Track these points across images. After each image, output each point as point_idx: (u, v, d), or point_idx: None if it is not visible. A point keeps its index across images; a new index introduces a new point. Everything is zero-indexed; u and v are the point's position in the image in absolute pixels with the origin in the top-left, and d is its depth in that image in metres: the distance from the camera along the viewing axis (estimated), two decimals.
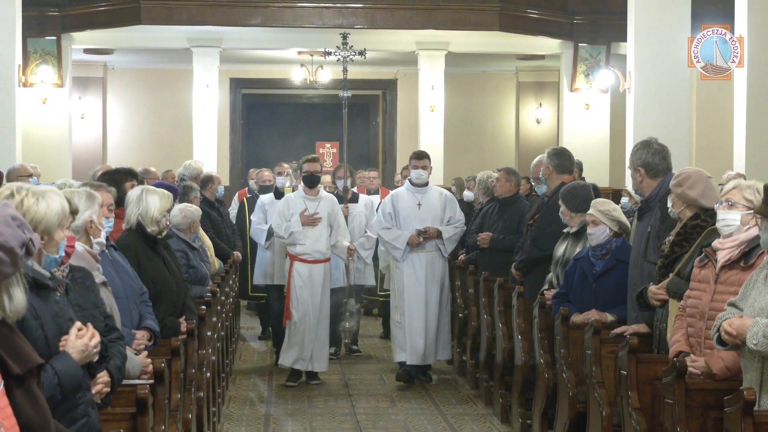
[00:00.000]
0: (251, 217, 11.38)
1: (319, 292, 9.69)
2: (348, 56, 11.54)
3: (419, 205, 9.86)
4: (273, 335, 11.12)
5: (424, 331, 9.73)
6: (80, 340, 3.67)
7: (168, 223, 6.50)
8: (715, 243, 5.15)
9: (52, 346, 3.66)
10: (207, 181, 11.10)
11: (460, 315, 10.45)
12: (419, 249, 9.77)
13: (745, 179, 9.54)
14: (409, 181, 10.08)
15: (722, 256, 5.04)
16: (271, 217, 10.37)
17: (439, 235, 9.75)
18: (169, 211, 6.50)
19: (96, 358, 3.81)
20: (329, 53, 11.92)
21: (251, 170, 14.99)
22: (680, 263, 5.70)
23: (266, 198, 11.00)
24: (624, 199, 9.71)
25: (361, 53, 11.54)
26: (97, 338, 3.76)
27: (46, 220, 3.75)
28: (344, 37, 11.80)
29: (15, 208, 3.69)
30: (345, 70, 11.72)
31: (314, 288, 9.67)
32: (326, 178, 11.94)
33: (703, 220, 5.74)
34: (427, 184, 9.99)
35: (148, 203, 6.35)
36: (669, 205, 5.96)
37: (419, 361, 9.77)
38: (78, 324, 3.70)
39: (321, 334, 9.72)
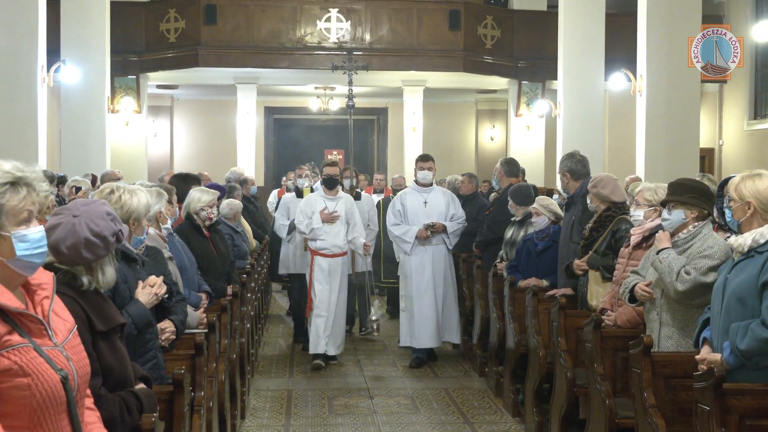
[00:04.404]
0: (275, 213, 10.25)
1: (338, 284, 8.28)
2: (353, 69, 10.38)
3: (425, 203, 8.44)
4: (293, 318, 9.71)
5: (432, 318, 8.30)
6: (146, 290, 3.68)
7: (211, 214, 6.39)
8: (632, 230, 5.17)
9: None
10: (243, 182, 10.98)
11: None
12: (426, 242, 8.33)
13: (641, 181, 9.59)
14: (415, 181, 8.64)
15: (633, 240, 5.08)
16: (293, 214, 9.14)
17: (444, 230, 8.34)
18: (210, 204, 6.40)
19: (167, 296, 3.81)
20: (337, 68, 10.61)
21: (289, 173, 14.44)
22: (597, 243, 5.70)
23: (288, 197, 9.88)
24: (555, 196, 9.68)
25: (365, 68, 10.81)
26: (162, 287, 3.75)
27: (137, 210, 3.78)
28: (349, 52, 11.35)
29: (113, 203, 3.71)
30: (350, 82, 10.35)
31: (333, 280, 8.25)
32: None
33: (613, 211, 5.75)
34: (431, 184, 8.60)
35: (191, 198, 6.34)
36: (588, 201, 5.95)
37: (428, 344, 8.38)
38: (143, 282, 3.71)
39: (337, 321, 8.31)
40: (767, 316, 3.47)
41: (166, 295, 3.81)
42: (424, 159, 8.65)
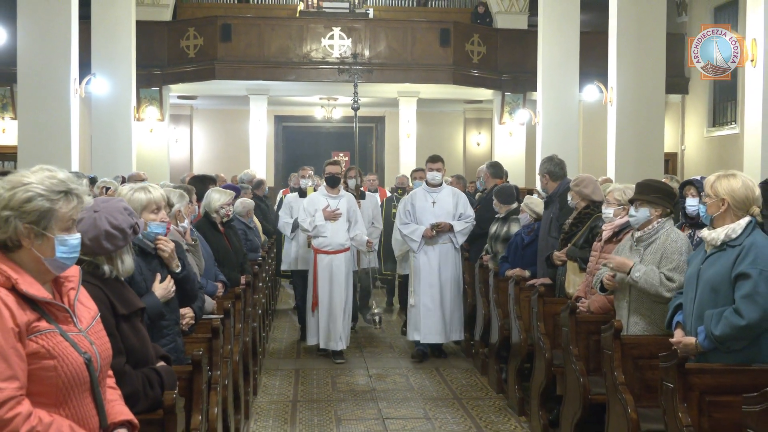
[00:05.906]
0: (279, 212, 9.58)
1: (342, 279, 7.70)
2: (358, 74, 9.70)
3: (434, 203, 7.83)
4: (298, 314, 9.06)
5: (437, 314, 7.73)
6: (162, 285, 3.66)
7: (228, 211, 6.41)
8: (603, 226, 5.17)
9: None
10: (259, 183, 10.97)
11: None
12: (433, 241, 7.71)
13: (612, 181, 9.57)
14: (426, 182, 8.03)
15: (604, 235, 5.09)
16: (296, 213, 8.70)
17: (451, 229, 7.71)
18: (227, 203, 6.40)
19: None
20: (342, 70, 9.89)
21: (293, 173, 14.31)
22: (576, 237, 5.69)
23: (291, 197, 9.28)
24: (534, 195, 9.65)
25: (370, 71, 10.42)
26: (172, 285, 3.71)
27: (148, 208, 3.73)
28: (354, 56, 11.05)
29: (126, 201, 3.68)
30: (355, 85, 9.52)
31: (335, 275, 7.69)
32: None
33: (592, 209, 5.74)
34: (440, 184, 7.95)
35: (211, 199, 6.32)
36: (569, 198, 5.95)
37: (433, 340, 7.77)
38: (160, 276, 3.68)
39: (343, 317, 7.71)
40: (740, 305, 3.49)
41: (173, 290, 3.75)
42: (433, 160, 8.04)
